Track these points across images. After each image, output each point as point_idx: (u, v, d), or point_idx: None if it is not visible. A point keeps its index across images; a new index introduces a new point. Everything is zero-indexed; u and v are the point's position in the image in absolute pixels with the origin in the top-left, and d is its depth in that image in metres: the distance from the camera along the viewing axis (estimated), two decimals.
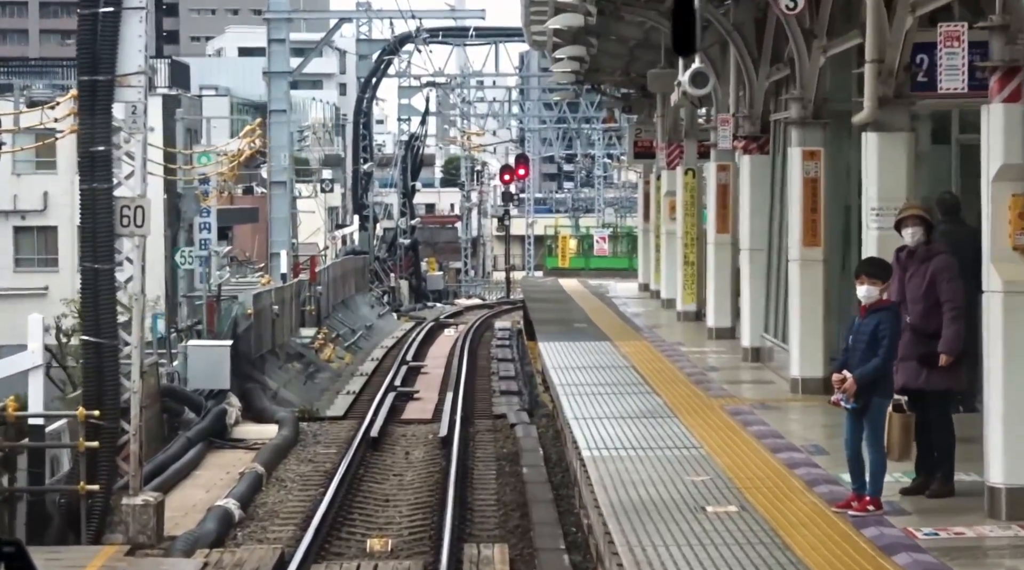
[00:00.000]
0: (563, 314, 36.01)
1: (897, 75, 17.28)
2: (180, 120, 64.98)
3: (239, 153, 66.77)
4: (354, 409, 34.09)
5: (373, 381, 38.61)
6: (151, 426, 27.28)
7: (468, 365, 40.95)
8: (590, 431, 18.84)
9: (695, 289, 33.01)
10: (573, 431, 19.06)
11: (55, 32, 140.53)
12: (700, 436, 18.26)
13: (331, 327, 45.35)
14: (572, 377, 23.95)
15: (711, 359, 26.24)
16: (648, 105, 42.94)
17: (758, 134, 25.37)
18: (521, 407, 33.14)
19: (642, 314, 35.45)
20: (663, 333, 30.90)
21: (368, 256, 61.84)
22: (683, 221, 33.20)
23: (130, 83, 21.09)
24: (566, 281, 50.20)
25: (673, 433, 18.54)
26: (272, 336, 35.09)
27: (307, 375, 36.94)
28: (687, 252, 33.09)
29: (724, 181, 29.24)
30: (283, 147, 40.29)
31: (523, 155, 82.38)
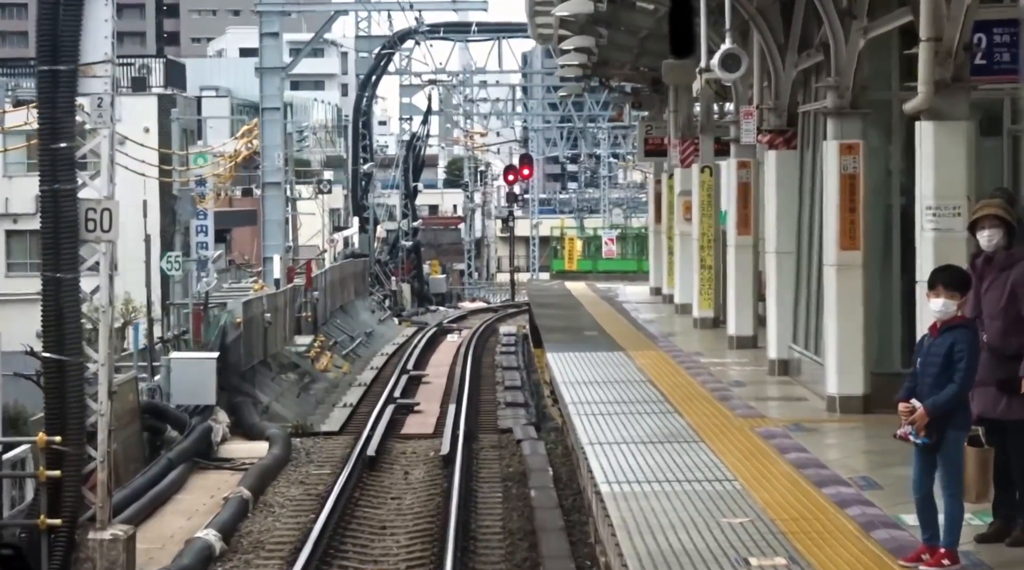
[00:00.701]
0: (572, 321, 33.79)
1: (956, 56, 15.10)
2: (176, 120, 62.90)
3: (236, 154, 64.79)
4: (351, 423, 31.92)
5: (372, 392, 36.42)
6: (129, 446, 25.12)
7: (472, 374, 38.79)
8: (607, 459, 16.63)
9: (713, 294, 30.78)
10: (588, 459, 16.85)
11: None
12: (732, 465, 16.05)
13: (328, 334, 43.14)
14: (585, 393, 21.73)
15: (734, 372, 24.02)
16: (659, 101, 40.73)
17: (785, 127, 23.13)
18: (528, 420, 31.00)
19: (655, 320, 33.23)
20: (679, 342, 28.68)
21: (368, 259, 59.56)
22: (699, 222, 30.97)
23: (95, 73, 18.91)
24: (573, 284, 47.98)
25: (701, 462, 16.32)
26: (264, 346, 32.91)
27: (301, 387, 34.76)
28: (704, 255, 30.86)
29: (745, 179, 27.02)
30: (277, 146, 38.11)
31: (527, 155, 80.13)
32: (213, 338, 29.78)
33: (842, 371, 19.30)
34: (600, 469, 16.04)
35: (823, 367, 20.27)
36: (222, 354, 29.87)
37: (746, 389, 21.98)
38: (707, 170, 30.94)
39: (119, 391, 24.72)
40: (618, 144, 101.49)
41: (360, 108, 63.20)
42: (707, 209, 30.94)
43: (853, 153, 19.22)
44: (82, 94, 19.03)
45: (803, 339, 22.56)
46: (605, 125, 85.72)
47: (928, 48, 15.11)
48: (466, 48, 64.46)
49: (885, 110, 20.00)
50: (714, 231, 30.95)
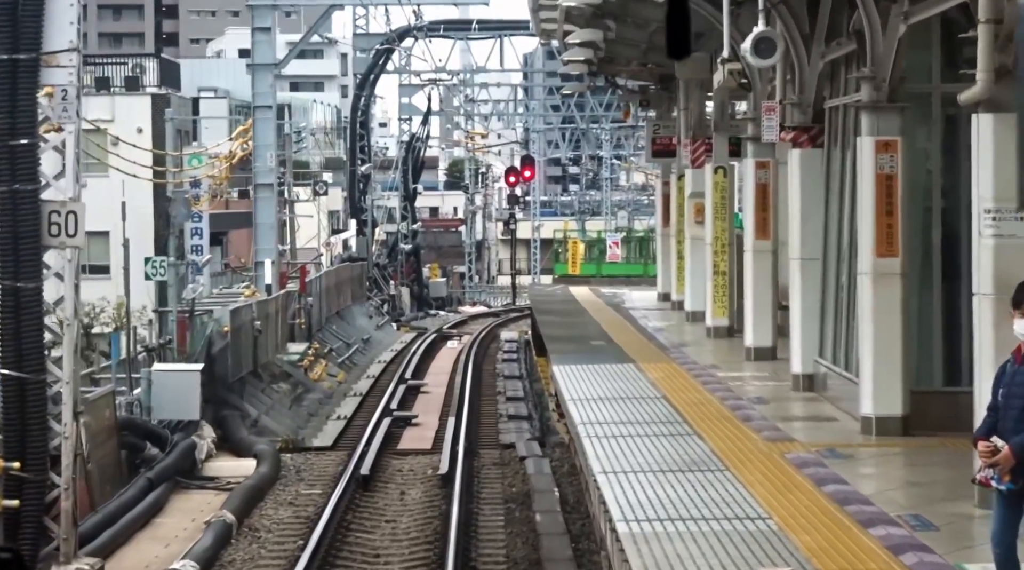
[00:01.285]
0: (577, 329, 31.95)
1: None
2: (170, 121, 61.14)
3: (231, 155, 62.93)
4: (345, 437, 30.06)
5: (367, 403, 34.56)
6: (106, 466, 23.27)
7: (472, 383, 36.93)
8: (623, 491, 14.80)
9: (727, 302, 28.96)
10: (602, 490, 15.02)
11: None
12: (764, 500, 14.21)
13: (324, 341, 41.29)
14: (595, 412, 19.90)
15: (755, 387, 22.19)
16: (667, 99, 38.93)
17: (810, 124, 21.32)
18: (531, 435, 29.16)
19: (665, 329, 31.41)
20: (693, 353, 26.86)
21: (366, 263, 57.66)
22: (713, 225, 29.15)
23: (59, 62, 17.10)
24: (577, 289, 46.14)
25: (730, 495, 14.48)
26: (254, 355, 31.09)
27: (294, 398, 32.93)
28: (717, 260, 29.04)
29: (763, 180, 25.20)
30: (269, 146, 36.30)
31: (529, 156, 78.25)
32: (199, 348, 27.96)
33: (879, 389, 17.49)
34: (616, 504, 14.21)
35: (856, 384, 18.47)
36: (208, 364, 28.06)
37: (769, 407, 20.16)
38: (721, 171, 29.13)
39: (95, 406, 22.93)
40: (621, 146, 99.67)
41: (358, 108, 61.30)
42: (721, 212, 29.12)
43: (890, 151, 17.41)
44: (46, 86, 17.20)
45: (831, 353, 20.74)
46: (608, 126, 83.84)
47: (987, 31, 13.31)
48: (467, 47, 62.66)
49: (924, 104, 18.20)
50: (728, 235, 29.13)
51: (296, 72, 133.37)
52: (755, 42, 17.04)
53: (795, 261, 21.55)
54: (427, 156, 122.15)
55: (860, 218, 17.68)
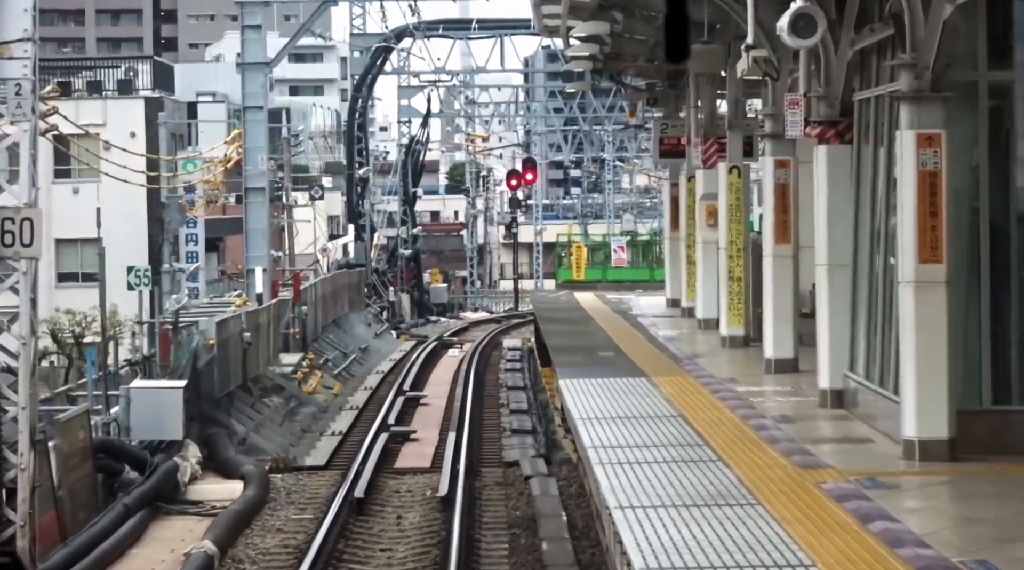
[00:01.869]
0: (584, 338, 30.13)
1: None
2: (163, 124, 59.37)
3: (227, 159, 61.12)
4: (339, 455, 28.25)
5: (364, 417, 32.76)
6: (80, 491, 21.46)
7: (474, 395, 35.14)
8: (644, 531, 12.99)
9: (743, 310, 27.16)
10: (619, 530, 13.21)
11: (51, 39, 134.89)
12: (804, 541, 12.41)
13: (319, 351, 39.48)
14: (607, 434, 18.09)
15: (778, 404, 20.38)
16: (675, 97, 37.14)
17: (838, 118, 19.51)
18: (536, 451, 27.37)
19: (677, 338, 29.60)
20: (708, 364, 25.05)
21: (364, 269, 55.77)
22: (727, 229, 27.34)
23: (12, 54, 15.30)
24: (582, 295, 44.30)
25: (764, 536, 12.67)
26: (243, 369, 29.29)
27: (286, 413, 31.12)
28: (732, 265, 27.23)
29: (783, 179, 23.40)
30: (260, 148, 34.50)
31: (531, 159, 76.46)
32: (183, 362, 26.16)
33: (922, 409, 15.67)
34: (636, 548, 12.40)
35: (893, 402, 16.67)
36: (193, 380, 26.25)
37: (796, 427, 18.34)
38: (735, 171, 27.33)
39: (68, 427, 21.13)
40: (624, 148, 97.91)
41: (355, 109, 59.44)
42: (735, 214, 27.31)
43: (933, 145, 15.60)
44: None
45: (863, 367, 18.92)
46: (611, 127, 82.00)
47: None
48: (467, 47, 60.83)
49: (970, 93, 16.39)
50: (744, 239, 27.33)
51: (296, 76, 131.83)
52: (792, 20, 15.20)
53: (822, 268, 19.75)
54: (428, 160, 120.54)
55: (901, 220, 15.86)
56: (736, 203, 27.27)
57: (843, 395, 19.51)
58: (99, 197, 59.69)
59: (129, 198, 58.76)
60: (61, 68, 64.80)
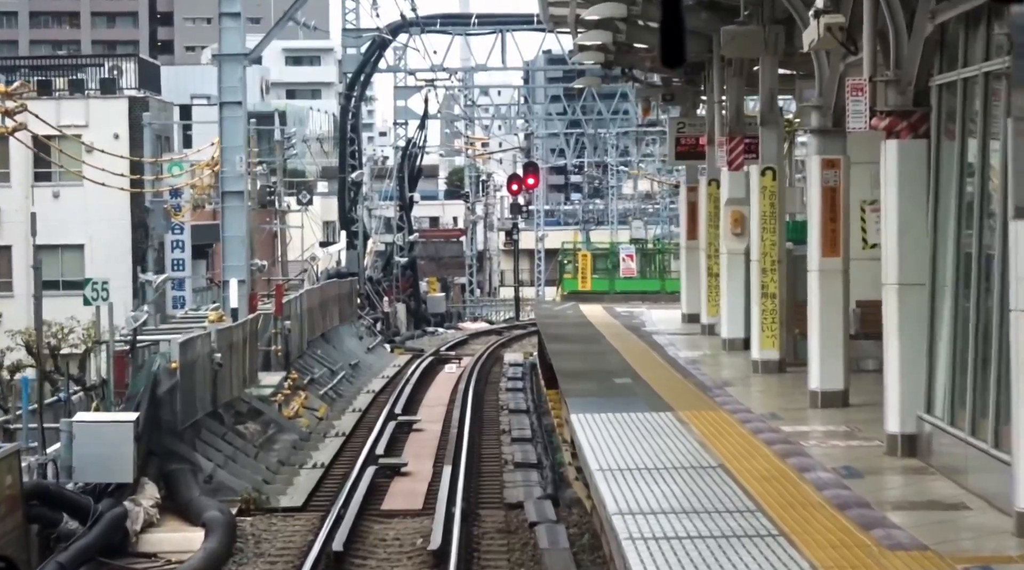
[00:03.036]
0: (595, 361, 26.54)
1: None
2: (148, 125, 55.90)
3: (213, 161, 57.60)
4: (319, 493, 24.66)
5: (350, 446, 29.16)
6: (6, 547, 17.88)
7: (472, 419, 31.58)
8: None
9: (778, 331, 23.60)
10: None
11: (46, 42, 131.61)
12: None
13: (304, 369, 35.85)
14: (635, 494, 14.50)
15: (837, 451, 16.80)
16: (693, 94, 33.65)
17: (911, 107, 15.96)
18: (542, 490, 23.82)
19: (700, 361, 26.03)
20: (741, 395, 21.50)
21: (357, 278, 52.09)
22: (760, 239, 23.77)
23: None
24: (589, 308, 40.72)
25: None
26: (213, 394, 25.72)
27: (262, 442, 27.52)
28: (766, 280, 23.67)
29: (832, 182, 19.84)
30: (238, 148, 30.96)
31: (532, 163, 72.84)
32: (141, 389, 22.62)
33: None
34: None
35: (995, 459, 13.11)
36: (153, 409, 22.70)
37: (866, 484, 14.77)
38: (770, 173, 23.77)
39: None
40: (626, 152, 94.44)
41: (348, 109, 55.81)
42: (769, 222, 23.75)
43: None
44: None
45: (944, 408, 15.34)
46: (615, 130, 78.37)
47: None
48: (466, 43, 57.28)
49: None
50: (779, 250, 23.77)
51: (292, 79, 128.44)
52: None
53: (891, 287, 16.18)
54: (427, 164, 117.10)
55: (1015, 235, 12.26)
56: (771, 210, 23.72)
57: (917, 442, 15.95)
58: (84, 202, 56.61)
59: (113, 203, 55.40)
60: (42, 67, 61.22)
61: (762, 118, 23.81)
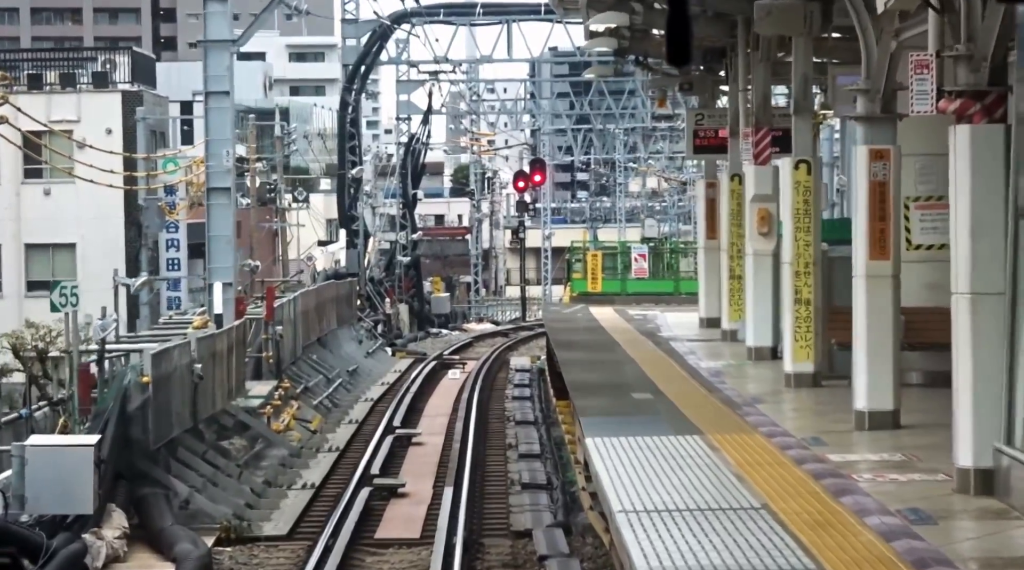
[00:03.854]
0: (610, 372, 24.08)
1: None
2: (141, 120, 53.54)
3: None
4: (307, 518, 22.25)
5: (344, 463, 26.74)
6: None
7: (476, 431, 29.20)
8: None
9: (812, 341, 21.17)
10: None
11: (47, 39, 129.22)
12: None
13: (297, 377, 33.42)
14: (667, 548, 12.06)
15: (897, 487, 14.35)
16: (712, 83, 31.24)
17: (985, 87, 13.55)
18: (553, 515, 21.45)
19: (725, 372, 23.59)
20: (775, 413, 19.08)
21: (357, 278, 49.57)
22: (792, 239, 21.32)
23: None
24: (600, 311, 38.27)
25: None
26: (192, 409, 23.32)
27: (249, 458, 25.12)
28: (800, 285, 21.23)
29: (881, 176, 17.41)
30: (226, 141, 28.58)
31: (539, 160, 70.40)
32: (109, 406, 20.24)
33: None
34: None
35: None
36: (122, 428, 20.33)
37: (942, 532, 12.34)
38: (804, 166, 21.32)
39: None
40: (635, 149, 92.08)
41: (348, 103, 53.34)
42: (803, 220, 21.31)
43: None
44: None
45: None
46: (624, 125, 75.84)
47: None
48: (471, 34, 54.84)
49: None
50: (814, 251, 21.33)
51: (296, 76, 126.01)
52: None
53: (963, 297, 13.75)
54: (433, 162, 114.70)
55: None
56: (804, 207, 21.28)
57: (994, 478, 13.53)
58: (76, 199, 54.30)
59: (106, 200, 53.04)
60: (33, 61, 58.87)
61: (795, 106, 21.35)
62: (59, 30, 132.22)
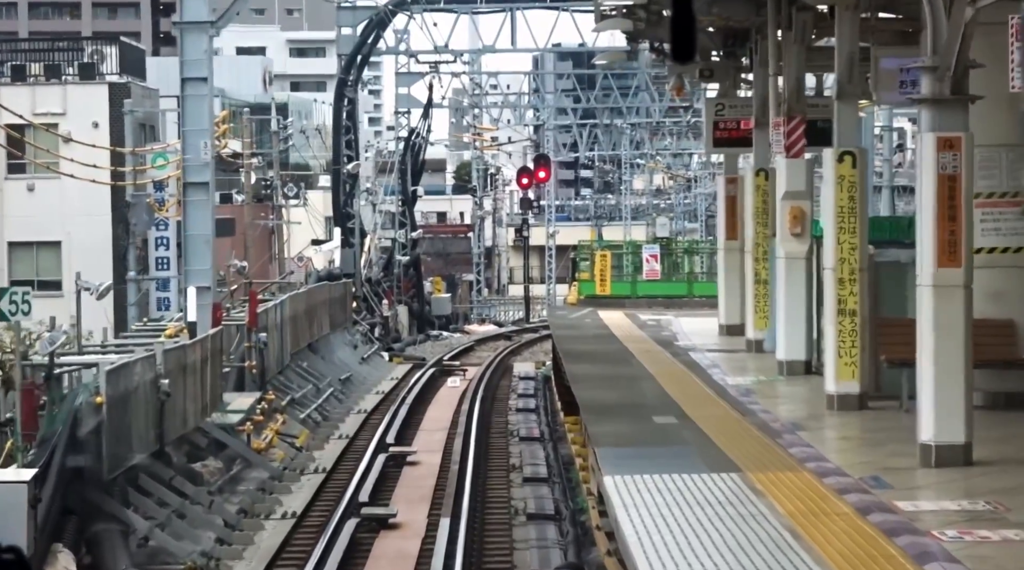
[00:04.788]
0: (627, 390, 21.29)
1: None
2: (129, 113, 50.85)
3: None
4: (285, 555, 19.55)
5: (330, 486, 24.01)
6: None
7: (476, 449, 26.49)
8: None
9: (859, 357, 18.41)
10: None
11: (46, 34, 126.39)
12: None
13: (284, 388, 30.65)
14: None
15: (992, 550, 11.59)
16: (734, 70, 28.50)
17: None
18: (562, 554, 18.78)
19: (754, 390, 20.83)
20: (820, 442, 16.33)
21: (354, 279, 46.73)
22: (835, 240, 18.53)
23: None
24: (609, 316, 35.51)
25: None
26: (158, 430, 20.61)
27: (224, 482, 22.39)
28: (844, 293, 18.46)
29: (951, 169, 14.65)
30: (203, 132, 25.79)
31: (544, 156, 67.60)
32: (57, 429, 17.49)
33: None
34: None
35: None
36: (72, 455, 17.64)
37: None
38: (849, 158, 18.55)
39: None
40: (640, 145, 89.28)
41: (343, 94, 50.60)
42: (848, 220, 18.54)
43: None
44: None
45: None
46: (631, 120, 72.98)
47: None
48: (473, 23, 52.04)
49: None
50: (861, 256, 18.57)
51: (297, 71, 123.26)
52: None
53: None
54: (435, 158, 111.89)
55: None
56: (850, 205, 18.52)
57: None
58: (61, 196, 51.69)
59: (92, 197, 50.35)
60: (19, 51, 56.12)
61: (839, 90, 18.57)
62: (58, 25, 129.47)
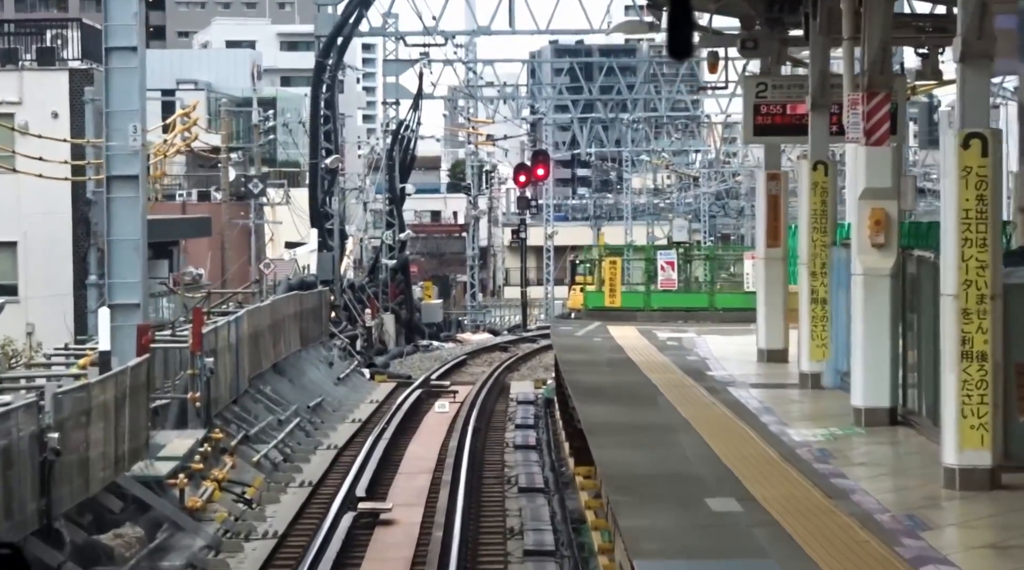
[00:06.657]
0: (662, 449, 15.89)
1: None
2: (90, 102, 45.55)
3: (166, 145, 47.33)
4: None
5: (279, 559, 18.59)
6: None
7: (466, 503, 21.06)
8: None
9: (990, 415, 13.07)
10: None
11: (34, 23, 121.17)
12: None
13: (237, 421, 25.21)
14: None
15: None
16: (780, 43, 23.19)
17: None
18: None
19: (832, 451, 15.46)
20: (952, 549, 11.03)
21: (332, 286, 41.34)
22: (955, 255, 13.21)
23: None
24: (621, 332, 30.14)
25: None
26: (42, 502, 15.31)
27: (139, 560, 17.05)
28: (969, 330, 13.12)
29: None
30: (131, 113, 20.50)
31: (542, 151, 62.41)
32: None
33: None
34: None
35: None
36: None
37: None
38: (977, 143, 13.23)
39: None
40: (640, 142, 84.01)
41: (322, 81, 45.36)
42: (975, 228, 13.22)
43: None
44: None
45: None
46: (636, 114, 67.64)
47: None
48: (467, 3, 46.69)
49: None
50: (993, 278, 13.24)
51: (287, 65, 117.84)
52: None
53: None
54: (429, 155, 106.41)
55: None
56: (978, 206, 13.20)
57: None
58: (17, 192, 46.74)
59: (51, 193, 45.21)
60: None
61: (965, 49, 13.22)
62: (44, 16, 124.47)
